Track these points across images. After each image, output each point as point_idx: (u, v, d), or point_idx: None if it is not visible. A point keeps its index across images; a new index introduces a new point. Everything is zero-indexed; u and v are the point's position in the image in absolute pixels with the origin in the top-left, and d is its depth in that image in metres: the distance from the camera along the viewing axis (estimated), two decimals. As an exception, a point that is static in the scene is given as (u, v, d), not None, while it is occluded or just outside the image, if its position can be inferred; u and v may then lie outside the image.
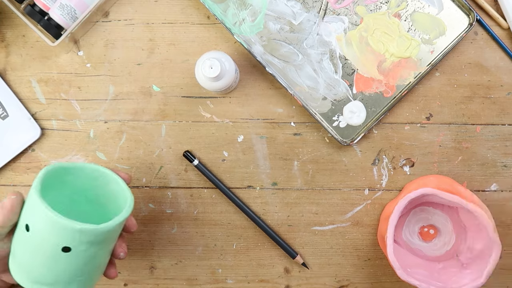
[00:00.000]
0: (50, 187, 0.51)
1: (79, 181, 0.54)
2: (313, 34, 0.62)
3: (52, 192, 0.51)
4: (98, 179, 0.55)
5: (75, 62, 0.64)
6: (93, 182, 0.55)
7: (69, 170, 0.53)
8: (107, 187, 0.55)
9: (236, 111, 0.64)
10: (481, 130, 0.64)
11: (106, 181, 0.55)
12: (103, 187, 0.55)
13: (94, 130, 0.64)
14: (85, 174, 0.54)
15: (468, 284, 0.56)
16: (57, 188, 0.53)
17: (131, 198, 0.52)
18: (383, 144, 0.64)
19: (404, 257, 0.61)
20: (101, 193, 0.55)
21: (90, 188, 0.55)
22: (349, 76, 0.62)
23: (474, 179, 0.64)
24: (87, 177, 0.54)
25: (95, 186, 0.55)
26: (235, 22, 0.62)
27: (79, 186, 0.54)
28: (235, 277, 0.65)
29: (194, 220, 0.65)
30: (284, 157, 0.64)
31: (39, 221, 0.45)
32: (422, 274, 0.59)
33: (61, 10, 0.59)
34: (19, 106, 0.64)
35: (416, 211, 0.64)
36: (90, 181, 0.55)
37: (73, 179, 0.54)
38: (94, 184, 0.55)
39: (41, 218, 0.45)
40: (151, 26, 0.64)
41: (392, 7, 0.62)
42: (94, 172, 0.54)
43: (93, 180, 0.55)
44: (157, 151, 0.64)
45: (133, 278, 0.66)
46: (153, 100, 0.64)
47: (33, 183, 0.47)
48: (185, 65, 0.64)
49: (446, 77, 0.63)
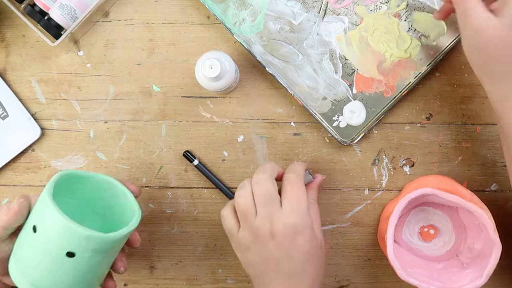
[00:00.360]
0: (59, 192, 0.51)
1: (88, 190, 0.54)
2: (313, 34, 0.62)
3: (60, 197, 0.51)
4: (107, 191, 0.55)
5: (75, 62, 0.64)
6: (101, 193, 0.55)
7: (81, 179, 0.53)
8: (115, 199, 0.55)
9: (236, 111, 0.64)
10: (481, 130, 0.64)
11: (115, 193, 0.55)
12: (110, 199, 0.55)
13: (94, 130, 0.64)
14: (95, 183, 0.54)
15: (468, 284, 0.56)
16: (66, 194, 0.53)
17: (139, 211, 0.53)
18: (383, 144, 0.64)
19: (404, 257, 0.61)
20: (107, 204, 0.55)
21: (98, 198, 0.55)
22: (349, 76, 0.62)
23: (474, 179, 0.64)
24: (96, 187, 0.54)
25: (103, 197, 0.55)
26: (235, 22, 0.62)
27: (87, 195, 0.55)
28: (235, 277, 0.65)
29: (194, 220, 0.65)
30: (284, 157, 0.64)
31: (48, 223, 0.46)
32: (422, 274, 0.59)
33: (61, 10, 0.59)
34: (19, 106, 0.64)
35: (416, 211, 0.64)
36: (99, 191, 0.55)
37: (82, 188, 0.54)
38: (102, 195, 0.55)
39: (51, 220, 0.45)
40: (151, 26, 0.64)
41: (392, 7, 0.62)
42: (104, 183, 0.54)
43: (102, 191, 0.55)
44: (157, 151, 0.64)
45: (133, 278, 0.65)
46: (153, 100, 0.64)
47: (47, 186, 0.48)
48: (185, 65, 0.64)
49: (446, 77, 0.63)
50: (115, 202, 0.55)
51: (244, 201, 0.53)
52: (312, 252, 0.53)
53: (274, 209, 0.52)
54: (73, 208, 0.54)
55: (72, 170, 0.52)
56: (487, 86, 0.52)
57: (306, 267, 0.53)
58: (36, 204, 0.49)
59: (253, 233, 0.53)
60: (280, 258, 0.52)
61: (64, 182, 0.51)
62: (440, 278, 0.59)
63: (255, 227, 0.52)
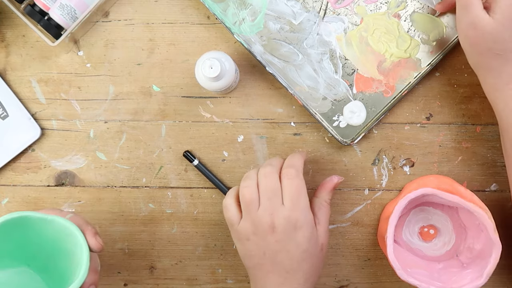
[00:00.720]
0: (16, 226, 0.48)
1: (49, 232, 0.50)
2: (313, 34, 0.62)
3: (19, 231, 0.49)
4: (68, 237, 0.50)
5: (75, 62, 0.64)
6: (63, 237, 0.50)
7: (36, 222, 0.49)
8: (75, 248, 0.50)
9: (236, 111, 0.64)
10: (481, 130, 0.64)
11: (74, 241, 0.49)
12: (72, 248, 0.50)
13: (94, 130, 0.64)
14: (55, 228, 0.50)
15: (468, 284, 0.56)
16: (24, 229, 0.49)
17: (84, 272, 0.47)
18: (383, 144, 0.64)
19: (404, 257, 0.61)
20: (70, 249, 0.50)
21: (60, 240, 0.51)
22: (349, 76, 0.62)
23: (474, 179, 0.64)
24: (57, 230, 0.50)
25: (64, 241, 0.51)
26: (235, 22, 0.62)
27: (50, 236, 0.51)
28: (235, 277, 0.65)
29: (194, 220, 0.65)
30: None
31: None
32: (422, 274, 0.59)
33: (61, 10, 0.59)
34: (19, 106, 0.64)
35: (416, 211, 0.64)
36: (61, 235, 0.50)
37: (43, 228, 0.50)
38: (63, 239, 0.51)
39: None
40: (151, 26, 0.64)
41: (392, 7, 0.62)
42: (64, 230, 0.49)
43: (63, 235, 0.50)
44: (157, 151, 0.64)
45: (133, 278, 0.65)
46: (153, 100, 0.64)
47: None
48: (185, 65, 0.64)
49: (446, 77, 0.63)
50: (75, 250, 0.50)
51: (249, 192, 0.53)
52: (310, 251, 0.53)
53: (276, 203, 0.53)
54: (36, 242, 0.51)
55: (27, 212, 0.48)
56: (482, 77, 0.56)
57: (302, 264, 0.53)
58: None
59: (254, 225, 0.53)
60: (277, 251, 0.53)
61: (18, 222, 0.47)
62: (440, 278, 0.59)
63: (257, 218, 0.53)
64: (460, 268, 0.60)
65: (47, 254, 0.52)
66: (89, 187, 0.65)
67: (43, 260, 0.53)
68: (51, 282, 0.54)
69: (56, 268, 0.53)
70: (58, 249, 0.51)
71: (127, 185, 0.65)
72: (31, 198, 0.65)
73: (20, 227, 0.49)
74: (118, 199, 0.65)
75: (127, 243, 0.65)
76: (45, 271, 0.54)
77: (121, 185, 0.65)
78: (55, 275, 0.53)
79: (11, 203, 0.65)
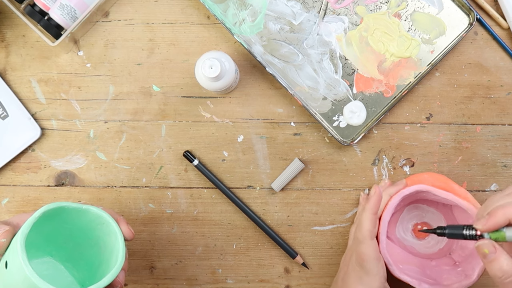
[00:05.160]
0: (50, 218, 0.49)
1: (81, 221, 0.52)
2: (313, 34, 0.62)
3: (51, 222, 0.49)
4: (101, 226, 0.52)
5: (75, 62, 0.64)
6: (95, 226, 0.52)
7: (70, 212, 0.50)
8: (107, 237, 0.52)
9: (236, 111, 0.64)
10: (481, 130, 0.64)
11: (107, 231, 0.52)
12: (103, 237, 0.52)
13: (94, 130, 0.64)
14: (88, 217, 0.51)
15: (459, 281, 0.56)
16: (57, 220, 0.50)
17: (122, 260, 0.49)
18: (383, 144, 0.64)
19: (397, 253, 0.61)
20: (101, 238, 0.53)
21: (91, 229, 0.52)
22: (349, 76, 0.62)
23: (474, 179, 0.64)
24: (89, 220, 0.52)
25: (96, 230, 0.52)
26: (235, 22, 0.62)
27: (81, 225, 0.52)
28: (235, 277, 0.65)
29: (194, 220, 0.65)
30: (284, 157, 0.64)
31: (15, 267, 0.44)
32: (414, 270, 0.59)
33: (61, 10, 0.59)
34: (19, 106, 0.64)
35: (410, 208, 0.64)
36: (92, 224, 0.52)
37: (76, 218, 0.51)
38: (95, 228, 0.52)
39: (17, 266, 0.44)
40: (151, 26, 0.64)
41: (392, 7, 0.62)
42: (98, 219, 0.51)
43: (97, 225, 0.52)
44: (157, 151, 0.64)
45: (133, 278, 0.66)
46: (153, 100, 0.64)
47: (24, 225, 0.46)
48: (185, 65, 0.64)
49: (446, 77, 0.63)
50: (107, 240, 0.52)
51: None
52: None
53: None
54: (66, 233, 0.52)
55: (63, 204, 0.49)
56: None
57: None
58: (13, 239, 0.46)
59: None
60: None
61: (53, 213, 0.48)
62: (432, 275, 0.59)
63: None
64: (452, 266, 0.60)
65: (74, 244, 0.54)
66: (89, 187, 0.65)
67: (69, 250, 0.54)
68: (75, 271, 0.55)
69: (82, 257, 0.54)
70: (87, 239, 0.53)
71: (127, 185, 0.65)
72: (31, 198, 0.65)
73: (54, 218, 0.50)
74: (118, 199, 0.65)
75: (127, 243, 0.65)
76: (70, 260, 0.55)
77: (121, 185, 0.65)
78: (81, 263, 0.55)
79: (11, 203, 0.65)
